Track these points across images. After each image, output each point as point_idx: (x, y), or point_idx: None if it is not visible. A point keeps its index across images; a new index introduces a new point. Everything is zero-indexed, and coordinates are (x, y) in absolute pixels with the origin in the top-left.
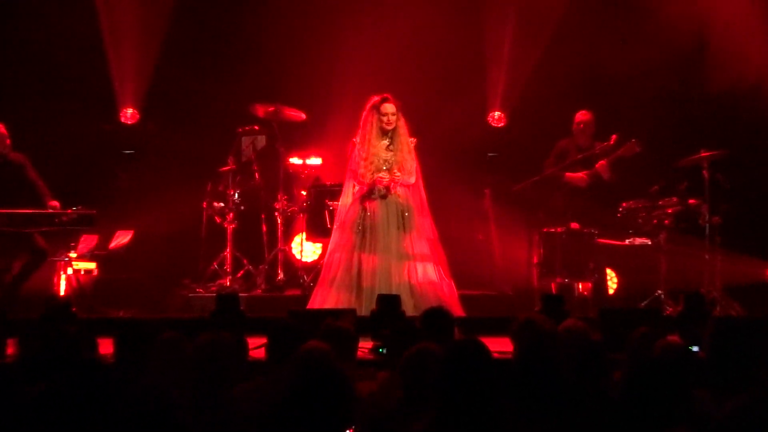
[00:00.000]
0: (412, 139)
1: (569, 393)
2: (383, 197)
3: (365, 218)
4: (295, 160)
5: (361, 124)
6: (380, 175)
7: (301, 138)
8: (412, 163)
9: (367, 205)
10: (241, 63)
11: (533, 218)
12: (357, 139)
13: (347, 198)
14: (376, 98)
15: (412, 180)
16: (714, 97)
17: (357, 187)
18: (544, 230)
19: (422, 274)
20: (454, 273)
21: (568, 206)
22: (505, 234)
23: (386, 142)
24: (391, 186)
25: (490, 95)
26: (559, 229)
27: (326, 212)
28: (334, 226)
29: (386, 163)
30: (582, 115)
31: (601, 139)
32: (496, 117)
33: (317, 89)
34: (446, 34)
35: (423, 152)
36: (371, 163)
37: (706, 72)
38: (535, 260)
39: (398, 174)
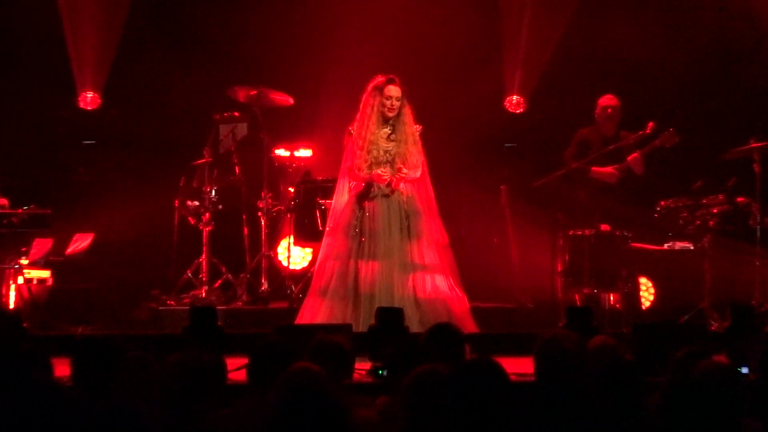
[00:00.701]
0: (417, 126)
1: (598, 421)
2: (385, 196)
3: (363, 220)
4: (281, 152)
5: (360, 107)
6: (380, 170)
7: (288, 126)
8: (417, 155)
9: (366, 204)
10: (219, 39)
11: (557, 219)
12: (353, 129)
13: (342, 196)
14: (380, 78)
15: (418, 174)
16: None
17: (353, 184)
18: (570, 233)
19: (429, 284)
20: (466, 282)
21: (597, 205)
22: (525, 237)
23: (388, 130)
24: (394, 183)
25: (506, 77)
26: (586, 232)
27: (317, 212)
28: (327, 229)
29: (387, 155)
30: (608, 100)
31: (628, 128)
32: (514, 101)
33: (307, 70)
34: (456, 6)
35: (430, 142)
36: (369, 152)
37: (761, 53)
38: (559, 268)
39: (404, 170)
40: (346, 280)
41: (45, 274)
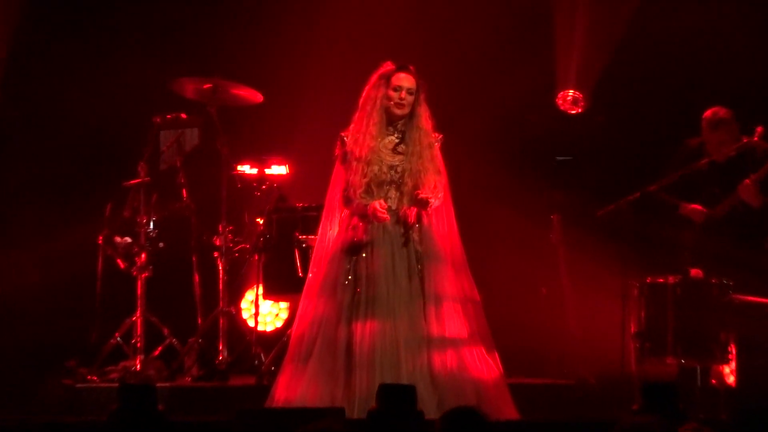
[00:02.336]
0: (437, 135)
1: None
2: (387, 232)
3: (358, 264)
4: (246, 169)
5: (359, 104)
6: (381, 199)
7: (256, 133)
8: (436, 174)
9: (362, 240)
10: (159, 14)
11: (630, 261)
12: (347, 136)
13: (331, 230)
14: (389, 65)
15: (437, 201)
16: None
17: (345, 212)
18: (648, 281)
19: (451, 353)
20: (502, 350)
21: (687, 242)
22: (585, 287)
23: (395, 138)
24: (411, 217)
25: (559, 66)
26: (671, 279)
27: (296, 253)
28: (309, 276)
29: (392, 173)
30: (716, 113)
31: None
32: (570, 98)
33: (283, 55)
34: None
35: (453, 156)
36: (368, 164)
37: None
38: (634, 329)
39: (429, 197)
40: (336, 346)
41: None
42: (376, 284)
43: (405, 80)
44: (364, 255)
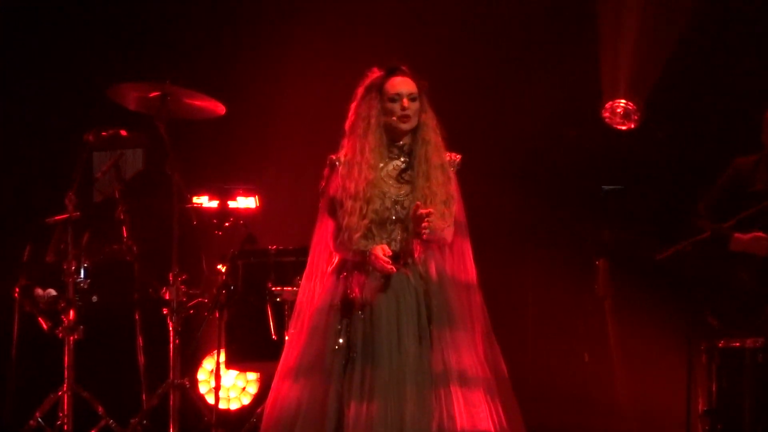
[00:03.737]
0: (453, 156)
1: None
2: (386, 278)
3: (354, 324)
4: (204, 201)
5: (348, 127)
6: (382, 245)
7: (217, 155)
8: (451, 203)
9: (358, 298)
10: (95, 2)
11: (698, 319)
12: (338, 159)
13: (315, 281)
14: (375, 73)
15: (448, 235)
16: None
17: (337, 259)
18: (721, 344)
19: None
20: (541, 426)
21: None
22: (638, 352)
23: (400, 162)
24: (425, 234)
25: (604, 72)
26: (749, 343)
27: (268, 308)
28: (289, 335)
29: (398, 209)
30: None
31: None
32: (619, 111)
33: (253, 59)
34: None
35: (469, 185)
36: (369, 202)
37: None
38: (702, 406)
39: (429, 215)
40: (322, 427)
41: None
42: (375, 352)
43: (402, 85)
44: (361, 314)
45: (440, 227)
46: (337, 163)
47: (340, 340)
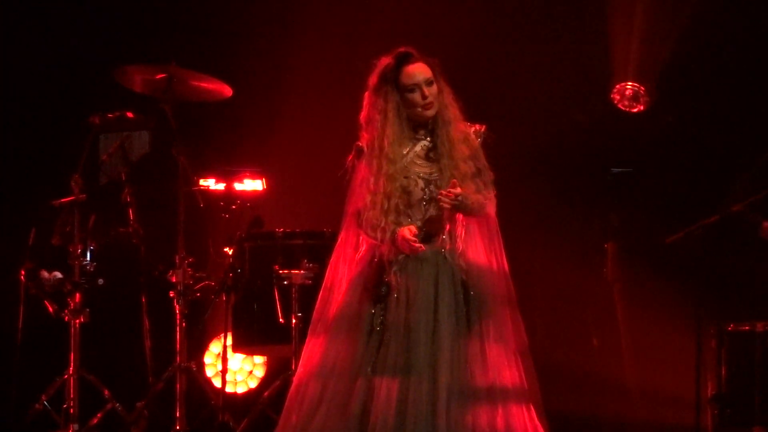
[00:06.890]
0: (477, 127)
1: None
2: (425, 265)
3: (389, 309)
4: (210, 184)
5: (363, 122)
6: (410, 226)
7: (224, 138)
8: (485, 173)
9: (391, 283)
10: None
11: (707, 303)
12: (363, 145)
13: (344, 265)
14: (388, 62)
15: (489, 207)
16: None
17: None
18: (730, 328)
19: (502, 420)
20: (550, 411)
21: None
22: (647, 336)
23: (427, 141)
24: (447, 208)
25: (615, 51)
26: (760, 326)
27: (276, 292)
28: (314, 324)
29: (427, 188)
30: None
31: None
32: (628, 93)
33: (259, 40)
34: None
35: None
36: (395, 182)
37: None
38: (711, 390)
39: (457, 191)
40: (349, 409)
41: None
42: (409, 329)
43: (417, 72)
44: (395, 296)
45: (478, 200)
46: (363, 149)
47: (374, 325)
